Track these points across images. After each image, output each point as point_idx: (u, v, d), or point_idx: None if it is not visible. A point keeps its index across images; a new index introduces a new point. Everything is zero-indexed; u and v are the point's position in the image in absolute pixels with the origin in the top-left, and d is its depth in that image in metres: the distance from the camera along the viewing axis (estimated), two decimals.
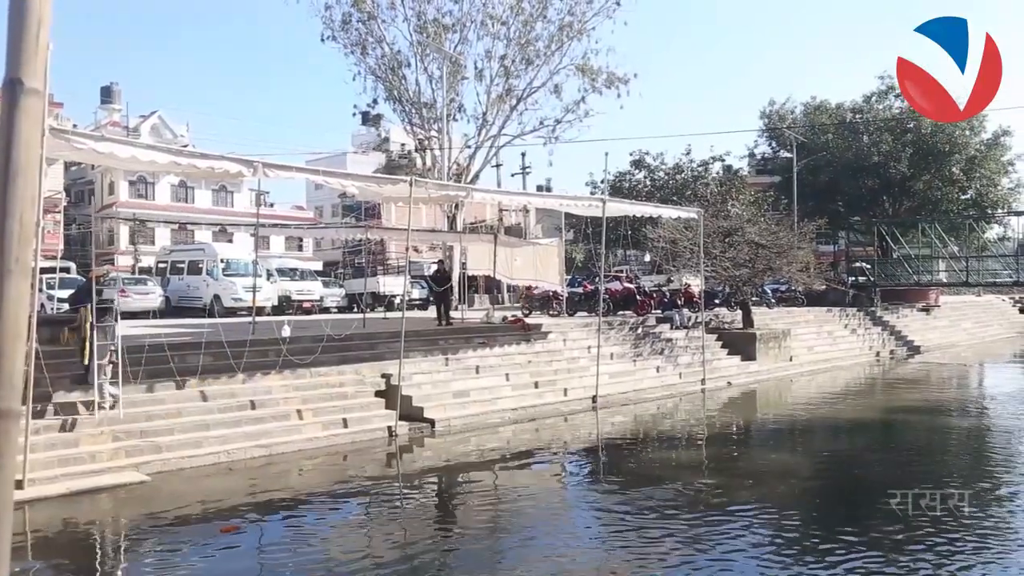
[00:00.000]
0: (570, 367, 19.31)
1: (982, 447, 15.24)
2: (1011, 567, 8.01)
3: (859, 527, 9.33)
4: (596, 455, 14.75)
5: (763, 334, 24.62)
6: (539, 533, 9.35)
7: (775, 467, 13.36)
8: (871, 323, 33.12)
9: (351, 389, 15.10)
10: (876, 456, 14.47)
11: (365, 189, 16.90)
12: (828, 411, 19.49)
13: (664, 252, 26.94)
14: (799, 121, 47.66)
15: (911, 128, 43.79)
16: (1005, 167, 45.03)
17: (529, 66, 34.41)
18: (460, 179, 32.88)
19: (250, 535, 9.30)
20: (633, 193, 42.30)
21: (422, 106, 34.16)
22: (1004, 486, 11.82)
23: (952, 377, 27.15)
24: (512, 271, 25.23)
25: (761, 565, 8.24)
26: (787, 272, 27.28)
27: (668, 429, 17.20)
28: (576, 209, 22.25)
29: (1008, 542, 8.90)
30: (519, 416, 16.50)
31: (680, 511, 10.17)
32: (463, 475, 12.84)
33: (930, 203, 44.27)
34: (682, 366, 21.71)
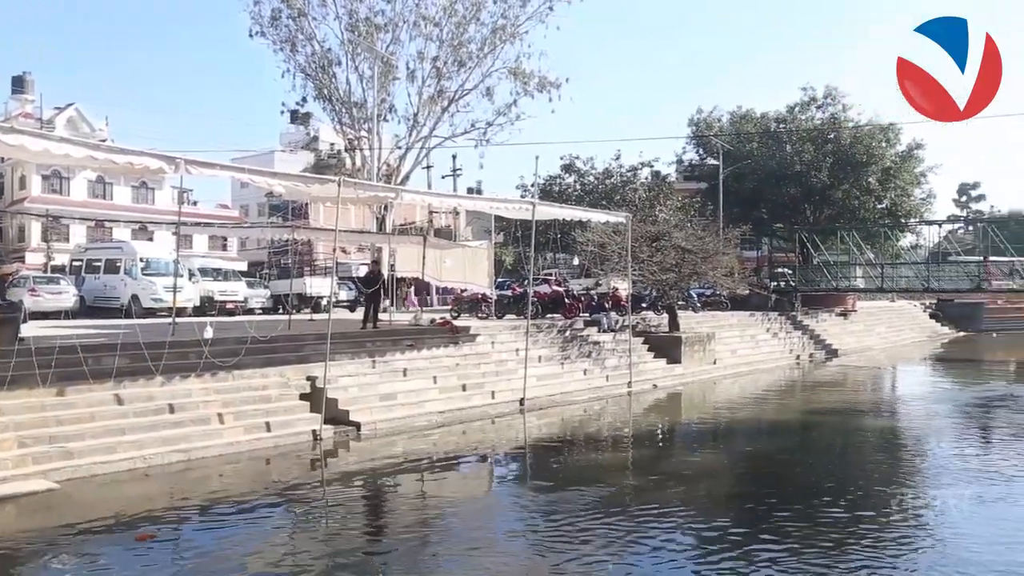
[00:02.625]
0: (498, 370, 19.29)
1: (894, 447, 15.76)
2: (919, 564, 8.28)
3: (780, 526, 9.56)
4: (523, 457, 14.75)
5: (688, 338, 25.02)
6: (466, 536, 9.30)
7: (699, 468, 13.60)
8: (792, 327, 34.01)
9: (275, 392, 14.80)
10: (796, 457, 14.84)
11: (292, 188, 16.59)
12: (750, 413, 19.92)
13: (593, 256, 27.14)
14: (725, 129, 48.70)
15: (831, 139, 45.19)
16: (918, 178, 46.79)
17: (461, 68, 34.29)
18: (390, 180, 32.56)
19: (167, 543, 8.99)
20: (563, 197, 42.53)
21: (352, 105, 33.72)
22: (913, 486, 12.28)
23: (867, 380, 28.03)
24: (442, 273, 25.11)
25: (686, 564, 8.37)
26: (712, 277, 27.79)
27: (595, 431, 17.32)
28: (506, 212, 22.25)
29: (915, 540, 9.21)
30: (447, 419, 16.41)
31: (606, 512, 10.23)
32: (390, 479, 12.69)
33: (848, 211, 45.70)
34: (609, 369, 21.90)
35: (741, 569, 8.08)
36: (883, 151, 44.74)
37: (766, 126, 47.98)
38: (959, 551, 8.49)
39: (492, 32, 33.89)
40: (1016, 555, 8.30)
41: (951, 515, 10.11)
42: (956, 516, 10.04)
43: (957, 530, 9.34)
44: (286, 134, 58.49)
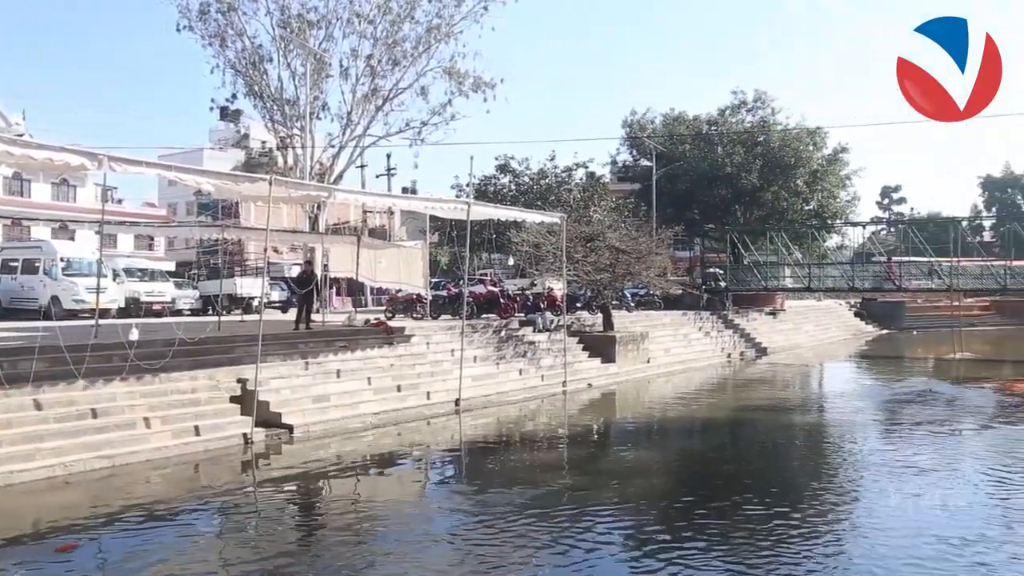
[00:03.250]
0: (433, 370, 19.19)
1: (821, 443, 16.19)
2: (841, 558, 8.49)
3: (712, 523, 9.72)
4: (458, 458, 14.69)
5: (622, 337, 25.26)
6: (401, 538, 9.21)
7: (634, 466, 13.74)
8: (723, 326, 34.63)
9: (204, 395, 14.44)
10: (727, 454, 15.14)
11: (222, 187, 16.23)
12: (683, 411, 20.21)
13: (528, 256, 27.22)
14: (659, 131, 49.40)
15: (761, 141, 46.24)
16: (843, 181, 48.23)
17: (396, 67, 34.05)
18: (323, 179, 32.15)
19: (90, 553, 8.69)
20: (498, 197, 42.57)
21: (284, 103, 33.18)
22: (838, 481, 12.63)
23: (795, 377, 28.72)
24: (376, 273, 24.87)
25: (621, 562, 8.44)
26: (646, 277, 28.12)
27: (530, 431, 17.35)
28: (441, 212, 22.15)
29: (839, 534, 9.47)
30: (381, 420, 16.26)
31: (542, 511, 10.23)
32: (323, 482, 12.50)
33: (777, 213, 46.80)
34: (544, 368, 21.98)
35: (675, 567, 8.16)
36: (810, 154, 46.03)
37: (698, 128, 48.83)
38: (879, 544, 8.72)
39: (427, 31, 33.76)
40: (933, 546, 8.55)
41: (873, 509, 10.37)
42: (877, 510, 10.31)
43: (878, 523, 9.59)
44: (215, 131, 57.24)
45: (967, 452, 14.14)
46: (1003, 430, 16.66)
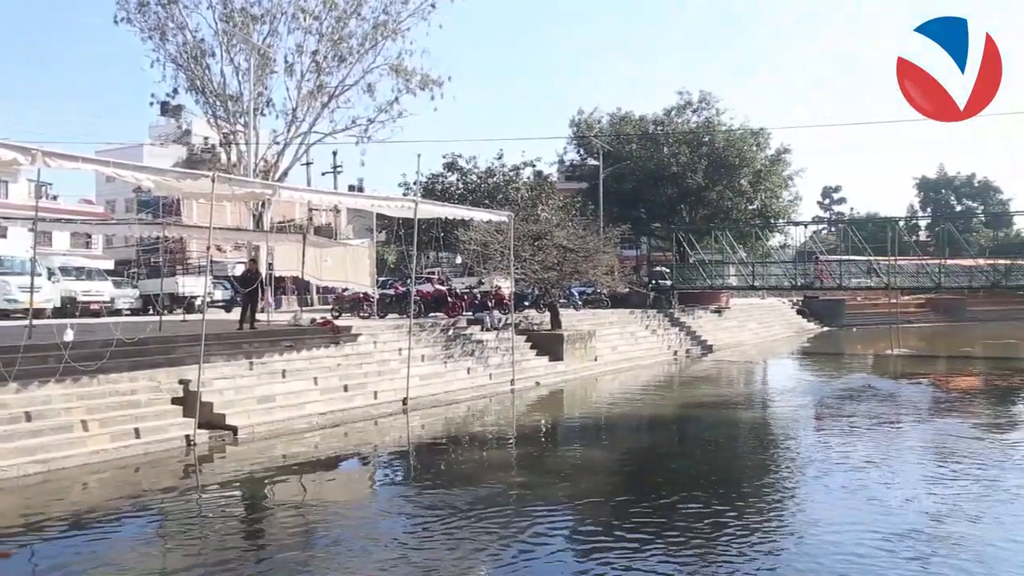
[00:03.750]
0: (381, 370, 19.04)
1: (764, 439, 16.46)
2: (784, 552, 8.63)
3: (658, 519, 9.79)
4: (407, 458, 14.59)
5: (570, 335, 25.37)
6: (349, 540, 9.09)
7: (581, 464, 13.79)
8: (669, 324, 35.02)
9: (145, 396, 14.11)
10: (673, 450, 15.29)
11: (163, 183, 15.80)
12: (630, 408, 20.37)
13: (476, 255, 27.18)
14: (606, 131, 49.72)
15: (706, 142, 46.89)
16: (786, 181, 49.18)
17: (342, 63, 33.66)
18: (268, 176, 31.64)
19: (22, 562, 8.40)
20: (446, 195, 42.39)
21: (227, 99, 32.56)
22: (781, 477, 12.85)
23: (740, 374, 29.16)
24: (322, 272, 24.53)
25: (570, 559, 8.45)
26: (593, 275, 28.27)
27: (478, 430, 17.31)
28: (388, 210, 21.98)
29: (781, 529, 9.62)
30: (328, 421, 16.08)
31: (491, 510, 10.21)
32: (268, 484, 12.29)
33: (722, 212, 47.51)
34: (492, 367, 21.96)
35: (620, 565, 8.20)
36: (754, 154, 46.83)
37: (644, 128, 49.30)
38: (816, 540, 8.88)
39: (374, 28, 33.45)
40: (869, 542, 8.72)
41: (812, 504, 10.56)
42: (816, 505, 10.49)
43: (817, 519, 9.76)
44: (156, 127, 55.86)
45: (904, 447, 14.47)
46: (937, 424, 17.12)
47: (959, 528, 9.08)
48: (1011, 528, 9.13)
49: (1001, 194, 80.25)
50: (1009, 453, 13.76)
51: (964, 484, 11.27)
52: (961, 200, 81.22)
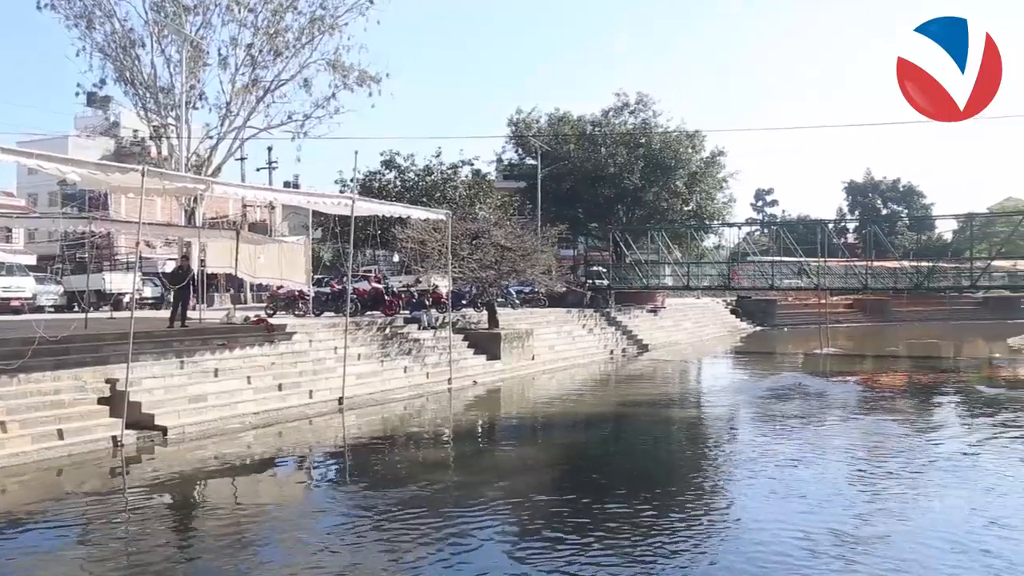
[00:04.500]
0: (316, 368, 18.79)
1: (698, 437, 16.73)
2: (712, 551, 8.77)
3: (595, 517, 9.85)
4: (342, 458, 14.44)
5: (507, 334, 25.40)
6: (283, 541, 8.95)
7: (519, 462, 13.81)
8: (606, 323, 35.33)
9: (69, 396, 13.65)
10: (609, 448, 15.41)
11: (89, 177, 15.31)
12: (567, 407, 20.48)
13: (413, 253, 27.01)
14: (544, 131, 49.92)
15: (643, 143, 47.42)
16: (720, 183, 50.11)
17: (278, 57, 33.09)
18: (200, 171, 30.93)
19: None
20: (383, 193, 42.03)
21: (158, 91, 31.72)
22: (715, 474, 13.10)
23: (675, 373, 29.58)
24: (256, 269, 24.06)
25: (506, 558, 8.44)
26: (531, 274, 28.36)
27: (415, 429, 17.22)
28: (325, 207, 21.71)
29: (714, 525, 9.79)
30: (261, 420, 15.81)
31: (428, 509, 10.18)
32: (199, 485, 12.02)
33: (658, 213, 48.14)
34: (429, 366, 21.85)
35: (558, 563, 8.23)
36: (689, 156, 47.59)
37: (582, 129, 49.65)
38: (748, 538, 9.04)
39: (310, 22, 32.98)
40: (797, 540, 8.92)
41: (744, 503, 10.74)
42: (748, 504, 10.67)
43: (748, 517, 9.96)
44: (82, 118, 54.09)
45: (832, 445, 14.76)
46: (864, 422, 17.58)
47: (882, 527, 9.30)
48: (932, 528, 9.35)
49: (924, 198, 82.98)
50: (931, 451, 14.21)
51: (888, 484, 11.55)
52: (887, 204, 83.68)
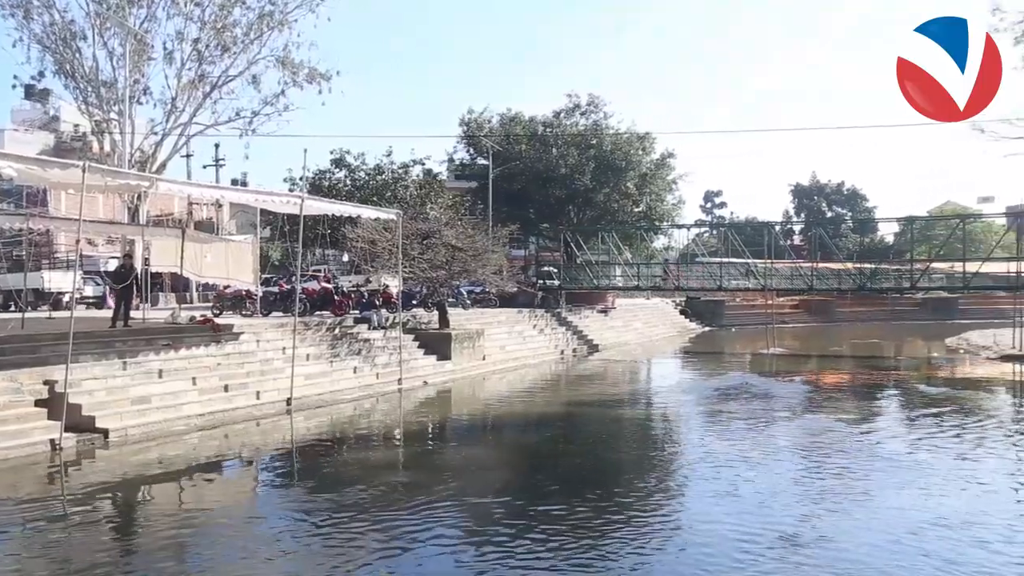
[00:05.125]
0: (263, 369, 18.52)
1: (647, 436, 16.90)
2: (657, 552, 8.85)
3: (545, 517, 9.85)
4: (290, 459, 14.25)
5: (458, 334, 25.32)
6: (230, 545, 8.80)
7: (469, 462, 13.78)
8: (557, 323, 35.43)
9: (4, 399, 13.26)
10: (560, 448, 15.44)
11: (27, 172, 14.85)
12: (518, 407, 20.50)
13: (363, 252, 26.78)
14: (496, 131, 49.89)
15: (594, 144, 47.68)
16: (670, 185, 50.61)
17: (225, 53, 32.47)
18: (144, 168, 30.24)
19: None
20: (333, 192, 41.58)
21: (100, 84, 30.91)
22: (663, 473, 13.23)
23: (625, 372, 29.78)
24: (202, 268, 23.64)
25: (454, 559, 8.42)
26: (482, 274, 28.32)
27: (365, 430, 17.08)
28: (273, 206, 21.44)
29: (661, 529, 9.87)
30: (207, 422, 15.53)
31: (378, 510, 10.12)
32: (143, 489, 11.76)
33: (609, 214, 48.45)
34: (379, 366, 21.69)
35: (506, 563, 8.22)
36: (640, 158, 48.01)
37: (534, 129, 49.74)
38: (697, 536, 9.16)
39: (259, 18, 32.43)
40: (745, 538, 9.05)
41: (691, 503, 10.87)
42: (697, 504, 10.78)
43: (694, 518, 10.03)
44: (19, 111, 52.55)
45: (778, 444, 14.97)
46: (808, 421, 17.90)
47: (825, 527, 9.43)
48: (873, 527, 9.52)
49: (867, 201, 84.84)
50: (874, 450, 14.48)
51: (832, 483, 11.73)
52: (832, 207, 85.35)
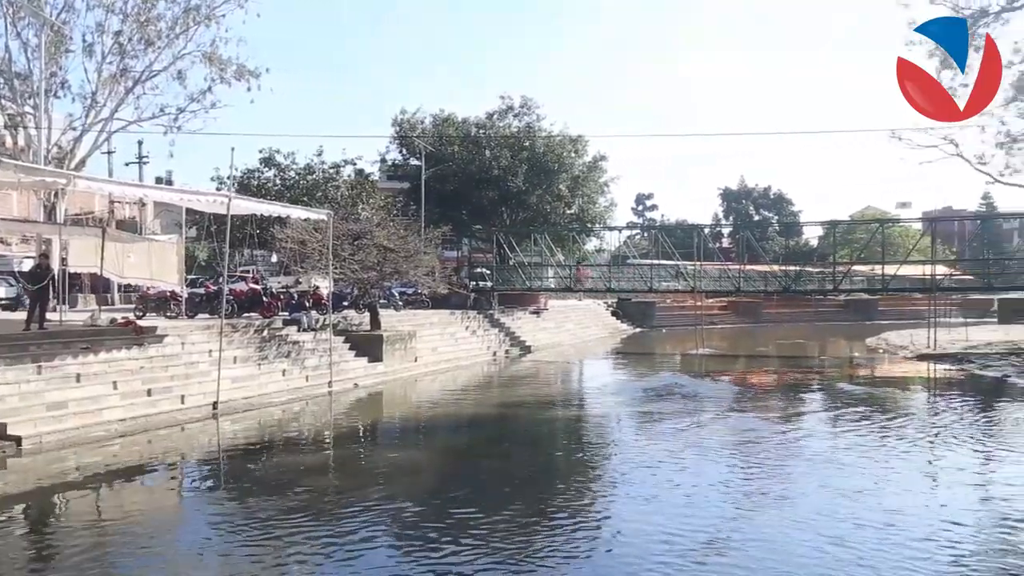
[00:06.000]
0: (188, 372, 18.03)
1: (579, 437, 16.98)
2: (591, 553, 8.87)
3: (476, 518, 9.80)
4: (216, 465, 13.89)
5: (390, 336, 25.09)
6: (150, 555, 8.50)
7: (400, 465, 13.66)
8: (489, 325, 35.43)
9: None
10: (492, 450, 15.40)
11: None
12: (450, 409, 20.40)
13: (293, 253, 26.33)
14: (428, 132, 49.64)
15: (527, 146, 47.83)
16: (602, 188, 51.07)
17: (149, 47, 31.47)
18: (62, 164, 29.15)
19: None
20: (262, 192, 40.79)
21: (14, 76, 29.64)
22: (594, 472, 13.31)
23: (557, 373, 29.94)
24: (124, 269, 22.89)
25: (385, 563, 8.30)
26: (414, 276, 28.14)
27: (294, 433, 16.76)
28: (199, 205, 20.92)
29: (591, 530, 9.90)
30: (129, 428, 15.06)
31: (307, 515, 9.94)
32: (58, 498, 11.31)
33: (542, 215, 48.65)
34: (309, 369, 21.34)
35: (438, 567, 8.15)
36: (572, 161, 48.34)
37: (467, 131, 49.64)
38: (625, 536, 9.23)
39: (185, 11, 31.52)
40: (673, 535, 9.16)
41: (620, 503, 10.93)
42: (625, 503, 10.87)
43: (624, 519, 10.11)
44: None
45: (705, 444, 15.10)
46: (735, 420, 18.24)
47: (751, 526, 9.63)
48: (795, 529, 9.64)
49: (793, 206, 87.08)
50: (798, 449, 14.82)
51: (758, 483, 11.91)
52: (759, 210, 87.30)
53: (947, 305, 47.29)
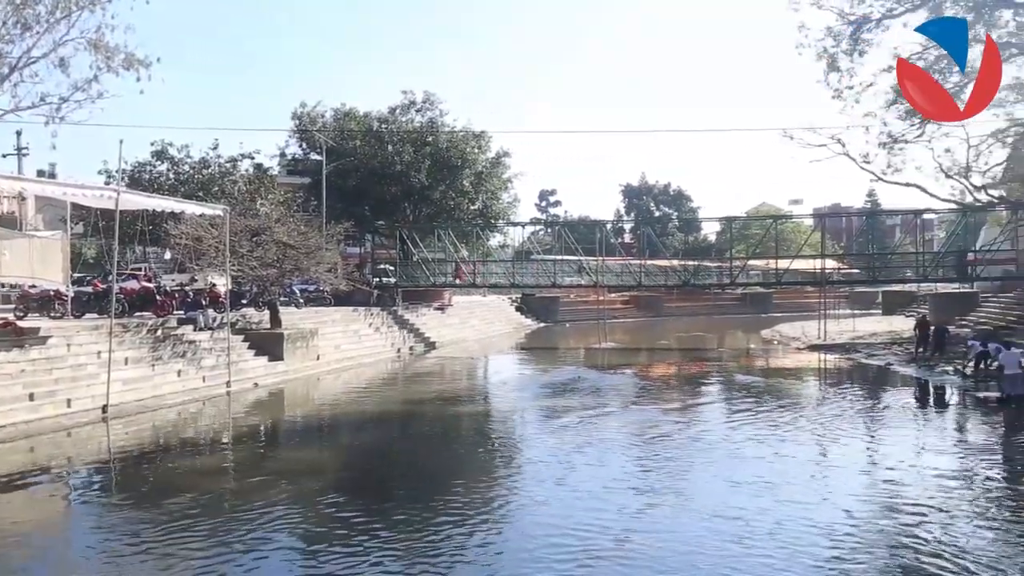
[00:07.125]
0: (75, 375, 17.25)
1: (484, 433, 16.99)
2: (493, 543, 8.89)
3: (382, 518, 9.72)
4: (107, 470, 13.33)
5: (291, 334, 24.60)
6: (38, 565, 8.07)
7: (303, 464, 13.40)
8: (393, 322, 35.14)
9: None
10: (396, 447, 15.29)
11: None
12: (353, 407, 20.12)
13: (188, 250, 25.47)
14: (329, 126, 48.78)
15: (430, 142, 47.57)
16: (505, 184, 51.21)
17: (27, 31, 29.87)
18: None
19: None
20: (154, 186, 39.32)
21: None
22: (500, 468, 13.35)
23: (462, 369, 29.91)
24: (0, 267, 21.68)
25: (286, 564, 8.13)
26: (315, 273, 27.67)
27: (190, 435, 16.22)
28: (86, 200, 20.04)
29: (496, 526, 9.96)
30: (9, 434, 14.37)
31: (204, 518, 9.67)
32: None
33: (446, 211, 48.48)
34: (206, 369, 20.72)
35: (339, 566, 8.03)
36: (476, 156, 48.31)
37: (369, 125, 49.03)
38: (532, 529, 9.35)
39: None
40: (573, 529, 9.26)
41: (526, 496, 11.01)
42: (530, 498, 10.94)
43: (527, 509, 10.28)
44: None
45: (608, 438, 15.26)
46: (635, 412, 18.56)
47: (653, 517, 9.85)
48: (690, 522, 9.85)
49: (692, 202, 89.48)
50: (696, 439, 15.14)
51: (657, 476, 12.08)
52: (659, 206, 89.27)
53: (836, 297, 49.53)
